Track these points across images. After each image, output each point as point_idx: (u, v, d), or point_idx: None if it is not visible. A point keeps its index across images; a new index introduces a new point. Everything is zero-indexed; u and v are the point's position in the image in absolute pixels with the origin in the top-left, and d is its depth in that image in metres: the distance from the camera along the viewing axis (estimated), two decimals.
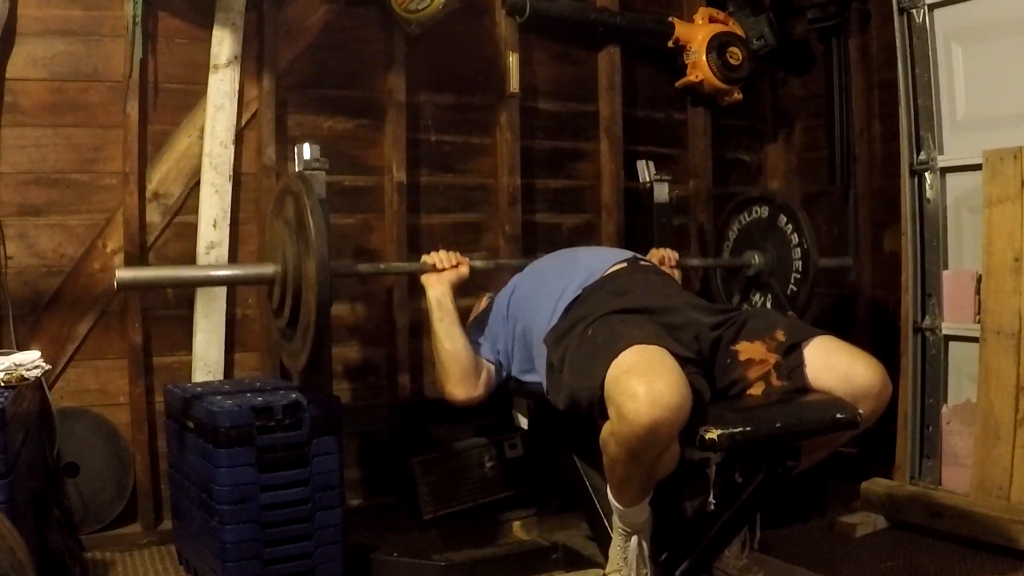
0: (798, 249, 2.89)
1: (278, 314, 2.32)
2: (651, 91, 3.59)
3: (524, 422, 2.53)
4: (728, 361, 1.98)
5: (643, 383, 1.71)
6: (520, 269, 2.51)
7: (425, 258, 2.45)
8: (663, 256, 2.84)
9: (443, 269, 2.41)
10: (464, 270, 2.43)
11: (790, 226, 2.91)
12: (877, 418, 1.95)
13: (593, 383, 1.83)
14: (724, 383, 1.97)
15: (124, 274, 2.19)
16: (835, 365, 1.92)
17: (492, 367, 2.38)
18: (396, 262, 2.94)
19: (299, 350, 2.24)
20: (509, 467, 3.01)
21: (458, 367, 2.32)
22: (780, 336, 1.97)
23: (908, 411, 2.82)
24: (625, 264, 2.32)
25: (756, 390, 1.94)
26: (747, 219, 3.08)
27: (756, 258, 3.00)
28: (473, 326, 2.49)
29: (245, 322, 2.92)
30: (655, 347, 1.82)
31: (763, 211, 3.02)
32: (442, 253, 2.43)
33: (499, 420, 2.69)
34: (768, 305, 2.99)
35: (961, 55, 2.79)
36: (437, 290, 2.39)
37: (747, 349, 1.97)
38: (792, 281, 2.91)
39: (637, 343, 1.82)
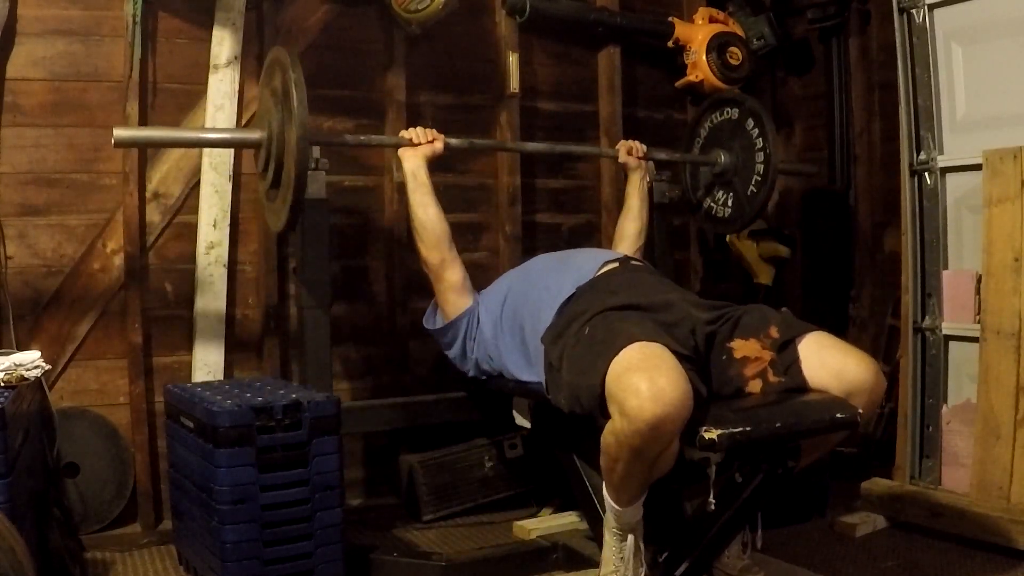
0: (761, 153, 2.97)
1: (263, 177, 2.46)
2: (651, 91, 3.59)
3: (524, 422, 2.53)
4: (724, 358, 1.99)
5: (645, 379, 1.72)
6: (497, 149, 2.71)
7: (403, 133, 2.60)
8: (631, 146, 2.93)
9: (419, 144, 2.54)
10: (439, 145, 2.57)
11: (756, 130, 2.99)
12: (873, 414, 1.96)
13: (593, 381, 1.83)
14: (720, 380, 1.97)
15: (121, 132, 2.27)
16: (828, 362, 1.93)
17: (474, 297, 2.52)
18: (378, 136, 2.97)
19: (279, 211, 2.40)
20: (509, 467, 3.01)
21: (430, 234, 2.50)
22: (774, 333, 1.98)
23: (908, 411, 2.82)
24: (617, 264, 2.34)
25: (754, 388, 1.95)
26: (718, 119, 3.14)
27: (722, 157, 3.08)
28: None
29: (245, 322, 2.92)
30: (655, 344, 1.82)
31: (733, 113, 3.08)
32: (419, 129, 2.58)
33: (499, 420, 2.69)
34: (728, 204, 3.11)
35: (961, 55, 2.78)
36: (412, 163, 2.53)
37: (742, 347, 1.98)
38: (753, 183, 3.01)
39: (636, 340, 1.83)
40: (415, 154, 2.54)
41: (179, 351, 2.83)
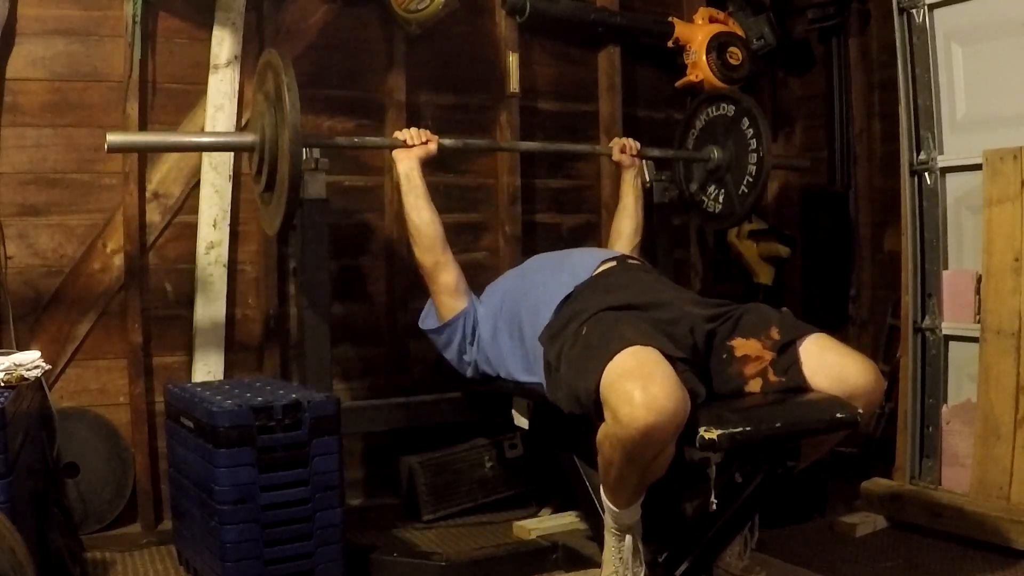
0: (755, 155, 2.96)
1: (257, 180, 2.47)
2: (651, 91, 3.59)
3: (524, 422, 2.53)
4: (724, 356, 1.99)
5: (638, 387, 1.72)
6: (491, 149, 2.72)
7: (396, 134, 2.59)
8: (624, 144, 2.92)
9: (413, 145, 2.53)
10: (432, 146, 2.56)
11: (751, 130, 2.98)
12: (871, 416, 1.96)
13: (588, 384, 1.83)
14: (720, 379, 1.97)
15: (114, 138, 2.28)
16: (828, 364, 1.93)
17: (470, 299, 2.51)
18: (371, 137, 2.94)
19: (274, 215, 2.40)
20: (509, 467, 3.01)
21: (425, 238, 2.51)
22: (775, 334, 1.98)
23: (908, 411, 2.82)
24: (614, 263, 2.34)
25: (754, 387, 1.95)
26: (714, 113, 3.12)
27: (715, 152, 3.08)
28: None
29: (245, 322, 2.92)
30: (650, 348, 1.82)
31: (729, 109, 3.07)
32: (412, 130, 2.58)
33: (499, 420, 2.69)
34: (720, 200, 3.12)
35: (961, 55, 2.78)
36: (406, 164, 2.53)
37: (743, 346, 1.98)
38: (745, 183, 3.01)
39: (632, 344, 1.82)
40: (409, 155, 2.54)
41: (179, 351, 2.83)
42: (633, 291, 2.13)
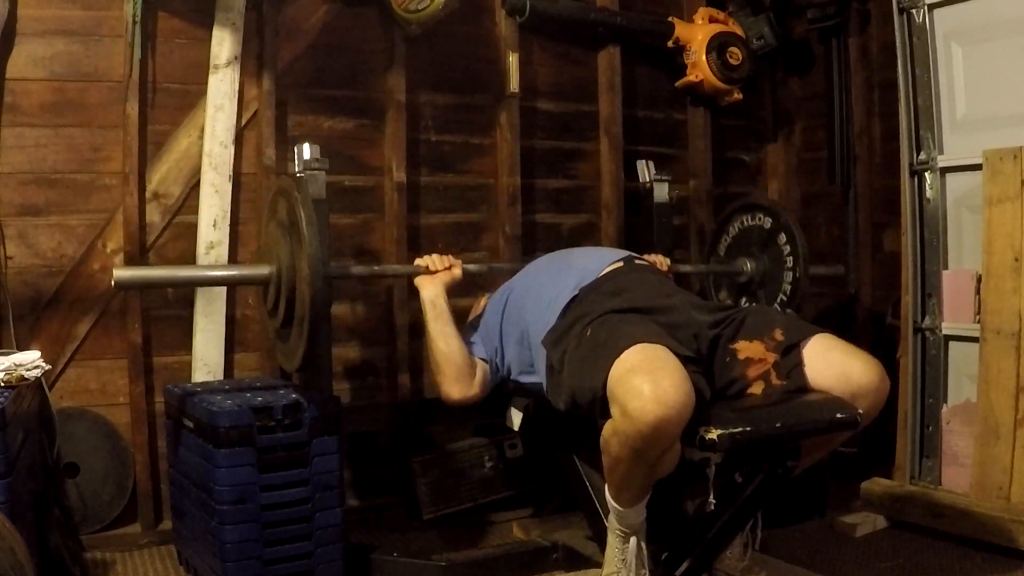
0: (790, 273, 2.87)
1: (273, 315, 2.34)
2: (651, 91, 3.59)
3: (517, 422, 2.52)
4: (727, 359, 1.98)
5: (648, 381, 1.71)
6: (514, 272, 2.52)
7: (418, 261, 2.49)
8: (655, 261, 2.81)
9: (436, 271, 2.44)
10: (457, 272, 2.46)
11: (788, 247, 2.89)
12: (875, 415, 1.96)
13: (595, 382, 1.83)
14: (723, 382, 1.97)
15: (122, 273, 2.22)
16: (832, 364, 1.92)
17: (487, 366, 2.40)
18: (393, 264, 2.94)
19: (294, 350, 2.26)
20: (509, 467, 3.01)
21: (453, 367, 2.35)
22: (779, 335, 1.97)
23: (908, 411, 2.82)
24: (621, 264, 2.32)
25: (756, 389, 1.94)
26: (748, 222, 3.05)
27: (748, 265, 2.99)
28: (470, 327, 2.50)
29: (245, 322, 2.92)
30: (658, 345, 1.82)
31: (766, 221, 2.99)
32: (435, 256, 2.47)
33: (499, 420, 2.69)
34: None
35: (961, 55, 2.78)
36: (430, 291, 2.42)
37: (746, 348, 1.97)
38: (778, 301, 2.89)
39: (639, 341, 1.82)
40: (433, 282, 2.43)
41: (179, 351, 2.83)
42: (638, 294, 2.12)
